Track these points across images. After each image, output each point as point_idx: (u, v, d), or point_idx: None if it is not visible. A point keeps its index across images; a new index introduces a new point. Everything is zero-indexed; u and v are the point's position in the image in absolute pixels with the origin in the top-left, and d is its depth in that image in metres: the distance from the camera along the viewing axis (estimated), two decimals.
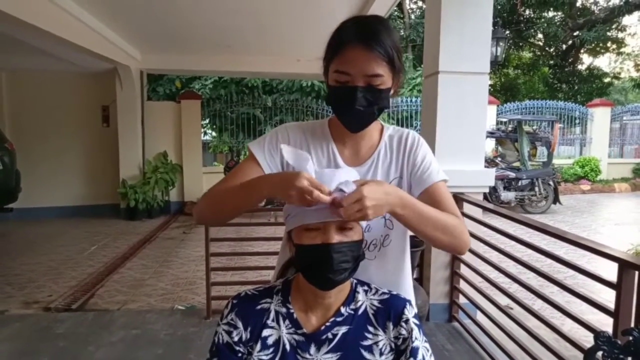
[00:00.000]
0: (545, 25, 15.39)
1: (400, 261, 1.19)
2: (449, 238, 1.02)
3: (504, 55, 9.82)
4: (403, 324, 0.97)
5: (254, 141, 1.16)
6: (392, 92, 1.06)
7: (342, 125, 1.08)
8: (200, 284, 3.92)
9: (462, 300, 3.05)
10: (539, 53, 18.00)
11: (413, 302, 1.12)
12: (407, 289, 1.19)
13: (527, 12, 16.71)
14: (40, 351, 2.74)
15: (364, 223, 0.98)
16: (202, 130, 10.96)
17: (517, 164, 8.44)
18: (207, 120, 10.68)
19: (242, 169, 1.12)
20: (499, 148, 9.02)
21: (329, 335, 0.96)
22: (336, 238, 0.90)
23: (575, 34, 15.68)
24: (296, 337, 0.97)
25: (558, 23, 15.77)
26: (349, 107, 1.02)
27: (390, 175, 1.14)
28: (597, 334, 1.07)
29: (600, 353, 1.06)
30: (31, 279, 4.18)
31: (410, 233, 1.13)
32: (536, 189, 8.07)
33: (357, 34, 1.00)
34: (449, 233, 1.01)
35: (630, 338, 1.04)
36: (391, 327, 0.98)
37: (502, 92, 16.88)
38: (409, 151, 1.13)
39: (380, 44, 0.99)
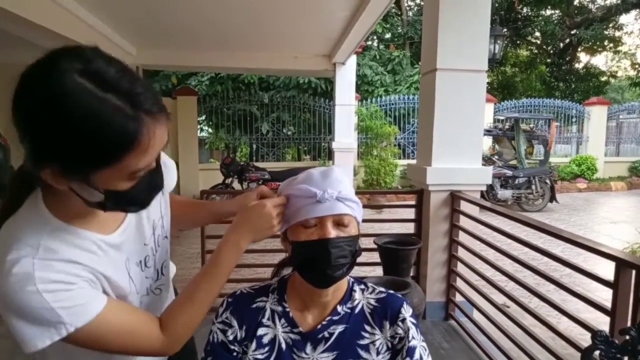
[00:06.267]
0: (543, 23, 15.41)
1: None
2: None
3: (502, 53, 9.82)
4: (400, 323, 0.96)
5: None
6: None
7: None
8: None
9: (458, 298, 3.05)
10: (536, 51, 18.02)
11: None
12: None
13: (525, 10, 16.73)
14: None
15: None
16: (199, 126, 10.92)
17: (514, 162, 8.45)
18: (203, 117, 10.65)
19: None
20: (496, 146, 9.03)
21: (325, 334, 0.95)
22: (333, 233, 0.90)
23: (572, 32, 15.69)
24: (292, 336, 0.95)
25: (555, 21, 15.79)
26: None
27: None
28: (595, 333, 1.06)
29: (597, 352, 1.06)
30: None
31: None
32: (533, 187, 8.09)
33: None
34: None
35: (628, 337, 1.04)
36: (388, 326, 0.97)
37: (500, 90, 16.91)
38: None
39: None
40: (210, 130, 11.44)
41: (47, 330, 0.73)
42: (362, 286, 1.03)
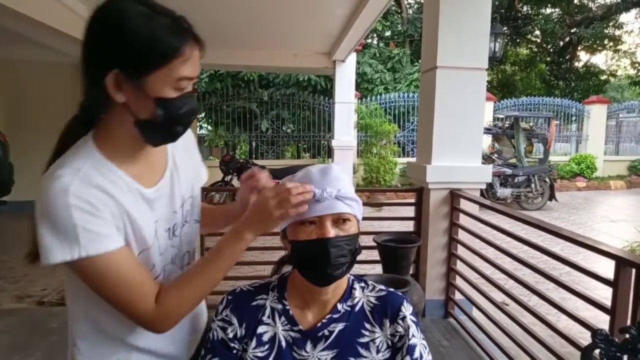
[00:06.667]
0: (543, 21, 15.42)
1: None
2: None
3: (502, 52, 9.81)
4: (400, 321, 0.96)
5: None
6: None
7: None
8: None
9: (458, 296, 3.05)
10: (536, 50, 18.01)
11: None
12: None
13: (525, 8, 16.72)
14: (33, 345, 2.72)
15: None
16: (198, 124, 10.90)
17: (513, 160, 8.46)
18: (203, 114, 10.63)
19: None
20: (496, 144, 9.04)
21: (326, 332, 0.95)
22: (332, 232, 0.90)
23: (572, 31, 15.69)
24: (292, 334, 0.95)
25: (555, 20, 15.79)
26: None
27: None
28: (595, 332, 1.06)
29: (597, 351, 1.06)
30: (24, 272, 4.14)
31: None
32: (532, 185, 8.10)
33: None
34: None
35: (628, 336, 1.04)
36: (388, 324, 0.96)
37: (499, 88, 16.90)
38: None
39: None
40: (209, 127, 11.42)
41: (62, 246, 0.80)
42: (362, 284, 1.03)
